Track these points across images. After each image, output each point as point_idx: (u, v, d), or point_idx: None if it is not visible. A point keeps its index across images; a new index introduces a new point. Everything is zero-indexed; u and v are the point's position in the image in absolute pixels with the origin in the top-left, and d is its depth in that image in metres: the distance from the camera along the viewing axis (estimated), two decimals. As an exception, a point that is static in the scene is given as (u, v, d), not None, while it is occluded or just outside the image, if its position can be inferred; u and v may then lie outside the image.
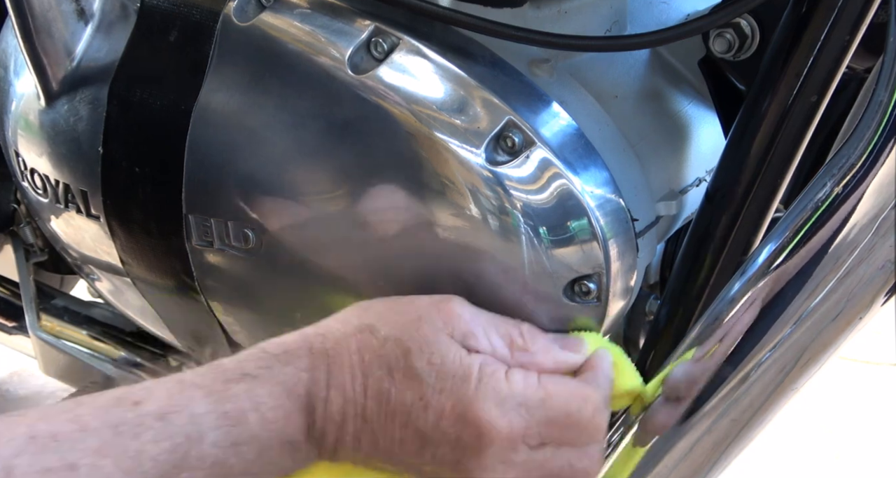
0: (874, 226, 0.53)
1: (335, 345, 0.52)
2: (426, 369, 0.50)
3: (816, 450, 1.49)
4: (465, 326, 0.53)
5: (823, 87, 0.58)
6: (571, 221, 0.58)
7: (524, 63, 0.63)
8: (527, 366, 0.53)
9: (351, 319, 0.54)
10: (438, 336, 0.51)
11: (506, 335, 0.55)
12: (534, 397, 0.51)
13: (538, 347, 0.55)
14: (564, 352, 0.56)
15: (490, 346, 0.53)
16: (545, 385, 0.52)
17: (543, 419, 0.51)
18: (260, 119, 0.63)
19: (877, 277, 0.54)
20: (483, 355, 0.52)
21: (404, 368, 0.50)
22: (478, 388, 0.50)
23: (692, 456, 0.62)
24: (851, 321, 0.56)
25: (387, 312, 0.54)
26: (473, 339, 0.53)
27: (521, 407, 0.51)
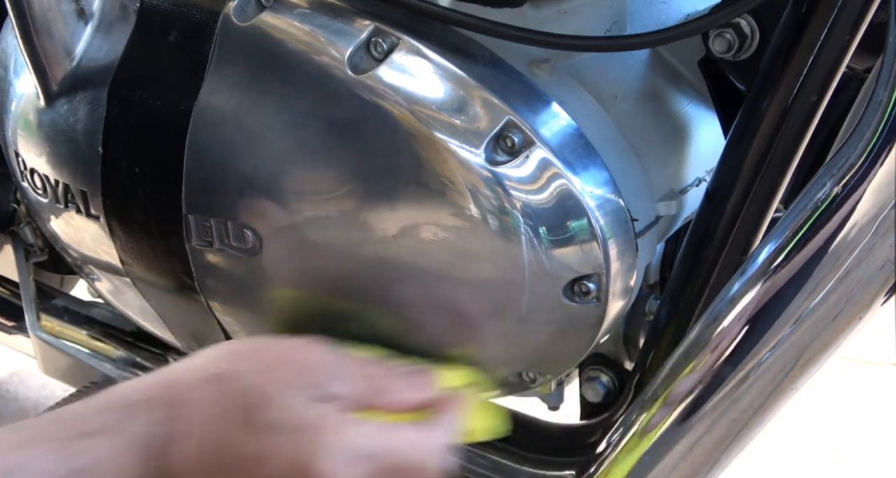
0: (874, 226, 0.53)
1: (190, 394, 0.52)
2: (270, 423, 0.51)
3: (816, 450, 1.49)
4: (315, 375, 0.54)
5: (823, 87, 0.58)
6: (571, 221, 0.58)
7: (524, 63, 0.63)
8: (382, 406, 0.55)
9: (206, 366, 0.55)
10: (286, 389, 0.52)
11: (358, 379, 0.56)
12: (376, 447, 0.53)
13: (389, 388, 0.57)
14: (412, 392, 0.58)
15: (342, 390, 0.54)
16: (385, 436, 0.54)
17: (384, 469, 0.53)
18: (260, 119, 0.63)
19: (877, 277, 0.54)
20: (329, 405, 0.53)
21: (251, 420, 0.51)
22: (320, 441, 0.51)
23: (692, 456, 0.62)
24: (851, 321, 0.56)
25: (241, 360, 0.55)
26: (328, 386, 0.54)
27: (362, 458, 0.52)
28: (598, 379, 0.78)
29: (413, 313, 0.64)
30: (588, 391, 0.78)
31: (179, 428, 0.51)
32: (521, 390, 0.70)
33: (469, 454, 0.78)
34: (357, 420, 0.54)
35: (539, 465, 0.75)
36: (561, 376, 0.74)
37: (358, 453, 0.52)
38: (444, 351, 0.65)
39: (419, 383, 0.59)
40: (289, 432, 0.51)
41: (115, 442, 0.50)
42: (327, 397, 0.53)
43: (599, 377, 0.78)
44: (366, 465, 0.52)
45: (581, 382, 0.79)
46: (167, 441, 0.51)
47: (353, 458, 0.51)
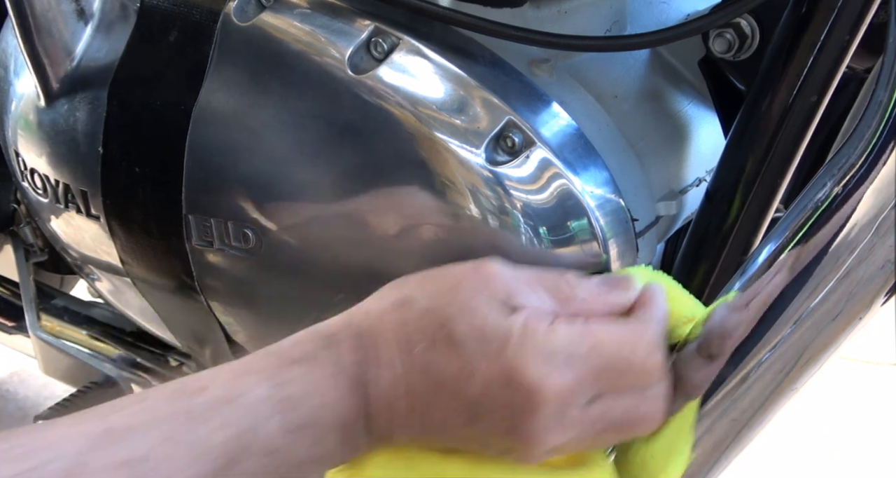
0: (874, 226, 0.53)
1: (376, 322, 0.50)
2: (467, 335, 0.48)
3: (816, 450, 1.49)
4: (505, 285, 0.50)
5: (823, 87, 0.58)
6: (571, 221, 0.58)
7: (524, 63, 0.63)
8: (576, 314, 0.51)
9: (388, 295, 0.52)
10: (477, 300, 0.49)
11: (551, 287, 0.52)
12: (582, 347, 0.48)
13: (586, 293, 0.52)
14: (613, 293, 0.53)
15: (535, 300, 0.51)
16: (593, 333, 0.49)
17: (595, 369, 0.48)
18: (260, 119, 0.63)
19: (877, 277, 0.54)
20: (526, 311, 0.49)
21: (445, 337, 0.48)
22: (521, 347, 0.47)
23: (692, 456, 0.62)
24: (851, 321, 0.56)
25: (423, 283, 0.52)
26: (516, 296, 0.50)
27: (569, 360, 0.48)
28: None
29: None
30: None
31: (369, 358, 0.49)
32: (521, 390, 0.70)
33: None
34: (562, 321, 0.49)
35: (539, 465, 0.75)
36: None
37: (565, 354, 0.48)
38: None
39: (622, 283, 0.54)
40: (485, 343, 0.48)
41: (318, 371, 0.49)
42: (517, 307, 0.50)
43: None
44: (576, 366, 0.48)
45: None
46: (360, 372, 0.49)
47: (561, 360, 0.48)
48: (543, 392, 0.47)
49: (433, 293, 0.50)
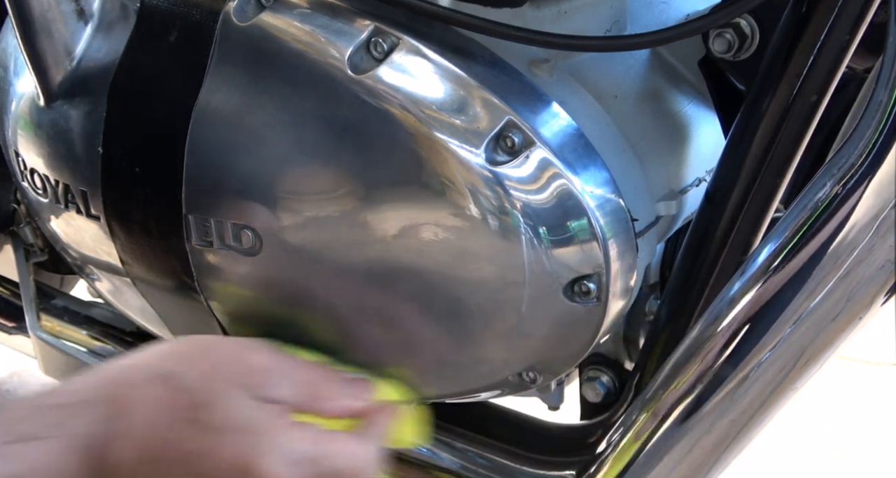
0: (874, 226, 0.53)
1: (131, 394, 0.53)
2: (213, 422, 0.52)
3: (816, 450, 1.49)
4: (260, 378, 0.56)
5: (823, 87, 0.58)
6: (571, 221, 0.58)
7: (524, 63, 0.63)
8: (320, 413, 0.57)
9: (150, 364, 0.56)
10: (230, 390, 0.54)
11: (300, 383, 0.58)
12: (315, 452, 0.55)
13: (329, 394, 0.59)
14: (350, 400, 0.60)
15: (285, 393, 0.56)
16: (326, 442, 0.56)
17: (320, 474, 0.54)
18: (260, 119, 0.63)
19: (877, 277, 0.54)
20: (271, 407, 0.55)
21: (193, 419, 0.52)
22: (263, 442, 0.53)
23: (692, 456, 0.62)
24: (851, 321, 0.56)
25: (186, 360, 0.56)
26: (271, 389, 0.56)
27: (301, 461, 0.54)
28: (598, 379, 0.78)
29: (412, 313, 0.64)
30: (588, 391, 0.78)
31: (121, 427, 0.52)
32: (521, 390, 0.70)
33: (469, 454, 0.78)
34: (299, 424, 0.55)
35: (539, 465, 0.75)
36: (561, 376, 0.74)
37: (299, 455, 0.54)
38: (381, 367, 0.67)
39: (357, 392, 0.61)
40: (232, 432, 0.52)
41: (54, 445, 0.50)
42: (270, 398, 0.55)
43: (599, 377, 0.78)
44: (307, 468, 0.54)
45: (581, 382, 0.79)
46: (108, 440, 0.51)
47: (295, 460, 0.53)
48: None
49: (192, 375, 0.54)
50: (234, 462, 0.52)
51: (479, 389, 0.69)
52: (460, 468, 0.77)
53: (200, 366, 0.55)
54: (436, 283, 0.61)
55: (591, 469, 0.70)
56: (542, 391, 0.80)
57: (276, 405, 0.55)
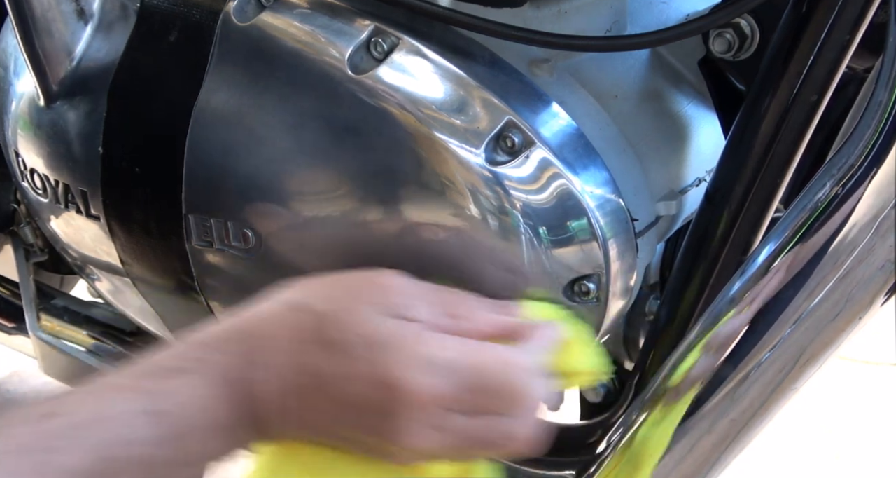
0: (874, 226, 0.53)
1: (266, 325, 0.52)
2: (353, 341, 0.50)
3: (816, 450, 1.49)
4: (397, 298, 0.52)
5: (823, 87, 0.58)
6: (571, 221, 0.58)
7: (524, 63, 0.63)
8: (462, 332, 0.52)
9: (282, 298, 0.53)
10: (367, 309, 0.51)
11: (442, 303, 0.54)
12: (461, 362, 0.50)
13: (475, 313, 0.54)
14: (500, 316, 0.55)
15: (426, 314, 0.52)
16: (474, 351, 0.51)
17: (471, 386, 0.50)
18: (260, 119, 0.63)
19: (877, 277, 0.54)
20: (414, 324, 0.51)
21: (332, 341, 0.50)
22: (401, 353, 0.49)
23: (692, 456, 0.62)
24: (851, 321, 0.56)
25: (318, 288, 0.54)
26: (406, 309, 0.52)
27: (446, 371, 0.49)
28: (598, 379, 0.78)
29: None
30: (588, 391, 0.78)
31: (258, 359, 0.50)
32: (521, 390, 0.70)
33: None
34: (446, 336, 0.51)
35: (539, 465, 0.75)
36: (561, 376, 0.74)
37: (442, 364, 0.49)
38: None
39: (504, 311, 0.56)
40: (367, 348, 0.49)
41: (197, 381, 0.49)
42: (406, 317, 0.51)
43: (599, 377, 0.78)
44: (452, 378, 0.49)
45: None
46: (247, 373, 0.50)
47: (437, 369, 0.49)
48: (412, 395, 0.49)
49: (326, 299, 0.52)
50: (375, 379, 0.49)
51: (479, 389, 0.69)
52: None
53: (332, 291, 0.53)
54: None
55: (591, 469, 0.70)
56: (542, 391, 0.80)
57: (414, 322, 0.51)
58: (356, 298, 0.52)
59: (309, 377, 0.50)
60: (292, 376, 0.50)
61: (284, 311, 0.52)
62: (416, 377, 0.49)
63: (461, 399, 0.50)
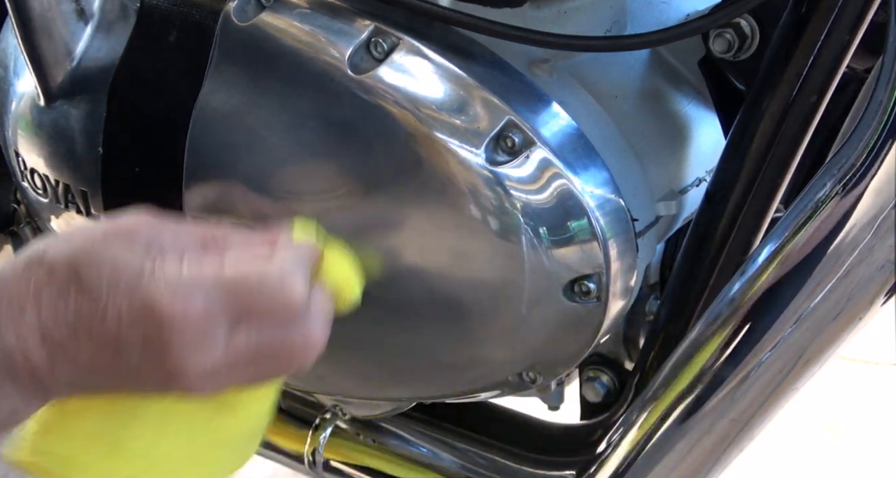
0: (874, 226, 0.53)
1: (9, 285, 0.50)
2: (99, 278, 0.48)
3: (816, 450, 1.49)
4: (146, 234, 0.51)
5: (823, 87, 0.58)
6: (571, 221, 0.58)
7: (524, 63, 0.63)
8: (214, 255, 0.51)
9: (21, 256, 0.51)
10: (113, 247, 0.50)
11: (197, 237, 0.53)
12: (214, 276, 0.49)
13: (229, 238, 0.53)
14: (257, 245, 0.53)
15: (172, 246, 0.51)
16: (222, 263, 0.50)
17: (231, 298, 0.49)
18: (260, 119, 0.63)
19: (877, 277, 0.54)
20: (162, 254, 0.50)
21: (76, 282, 0.48)
22: (152, 280, 0.48)
23: (692, 456, 0.62)
24: (851, 321, 0.56)
25: (59, 237, 0.52)
26: (155, 244, 0.51)
27: (201, 289, 0.48)
28: (598, 379, 0.78)
29: (412, 313, 0.64)
30: (588, 391, 0.78)
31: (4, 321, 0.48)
32: (521, 391, 0.70)
33: (469, 454, 0.78)
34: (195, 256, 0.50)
35: (539, 465, 0.75)
36: (561, 377, 0.74)
37: (193, 283, 0.48)
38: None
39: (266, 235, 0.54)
40: (117, 283, 0.48)
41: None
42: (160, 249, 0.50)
43: (599, 377, 0.78)
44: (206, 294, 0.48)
45: (581, 382, 0.79)
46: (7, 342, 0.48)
47: (193, 288, 0.48)
48: (174, 318, 0.48)
49: (66, 247, 0.50)
50: (132, 309, 0.48)
51: (479, 389, 0.69)
52: (460, 468, 0.77)
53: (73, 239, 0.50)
54: (435, 283, 0.61)
55: (591, 469, 0.70)
56: (542, 391, 0.80)
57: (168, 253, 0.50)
58: (96, 241, 0.50)
59: (56, 324, 0.48)
60: (36, 326, 0.49)
61: (18, 265, 0.50)
62: (172, 301, 0.48)
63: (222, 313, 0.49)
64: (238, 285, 0.49)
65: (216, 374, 0.49)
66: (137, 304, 0.48)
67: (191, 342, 0.48)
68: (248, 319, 0.49)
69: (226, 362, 0.49)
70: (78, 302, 0.48)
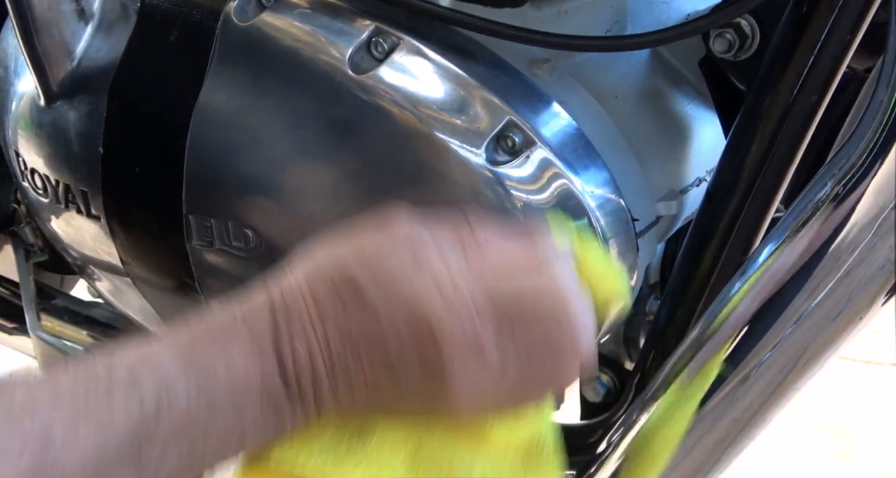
0: (874, 226, 0.53)
1: (290, 293, 0.50)
2: (376, 294, 0.49)
3: (816, 450, 1.50)
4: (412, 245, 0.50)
5: (823, 87, 0.58)
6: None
7: (524, 63, 0.63)
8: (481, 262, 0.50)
9: (304, 263, 0.52)
10: (385, 259, 0.50)
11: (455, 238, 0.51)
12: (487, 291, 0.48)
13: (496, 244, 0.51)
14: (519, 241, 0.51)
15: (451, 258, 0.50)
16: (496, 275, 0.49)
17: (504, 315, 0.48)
18: (260, 119, 0.63)
19: (877, 277, 0.54)
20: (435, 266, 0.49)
21: (356, 298, 0.49)
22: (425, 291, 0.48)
23: (692, 456, 0.62)
24: (851, 321, 0.56)
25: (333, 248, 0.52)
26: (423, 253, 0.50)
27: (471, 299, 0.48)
28: (598, 379, 0.78)
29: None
30: (588, 391, 0.78)
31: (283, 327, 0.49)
32: (521, 390, 0.70)
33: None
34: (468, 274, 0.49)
35: (539, 465, 0.75)
36: (561, 376, 0.74)
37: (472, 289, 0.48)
38: None
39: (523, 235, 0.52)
40: (394, 298, 0.48)
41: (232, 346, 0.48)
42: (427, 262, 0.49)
43: (599, 377, 0.78)
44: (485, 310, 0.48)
45: (581, 382, 0.79)
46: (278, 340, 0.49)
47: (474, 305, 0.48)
48: (450, 330, 0.48)
49: (339, 256, 0.51)
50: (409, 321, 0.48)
51: (479, 389, 0.69)
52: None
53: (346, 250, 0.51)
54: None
55: (591, 469, 0.70)
56: (542, 391, 0.80)
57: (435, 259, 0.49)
58: (369, 251, 0.50)
59: (339, 339, 0.49)
60: (321, 342, 0.49)
61: (303, 277, 0.51)
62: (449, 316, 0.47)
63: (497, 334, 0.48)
64: (511, 297, 0.48)
65: (484, 394, 0.49)
66: (414, 317, 0.48)
67: (465, 360, 0.48)
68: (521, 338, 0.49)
69: (494, 382, 0.49)
70: (359, 316, 0.49)
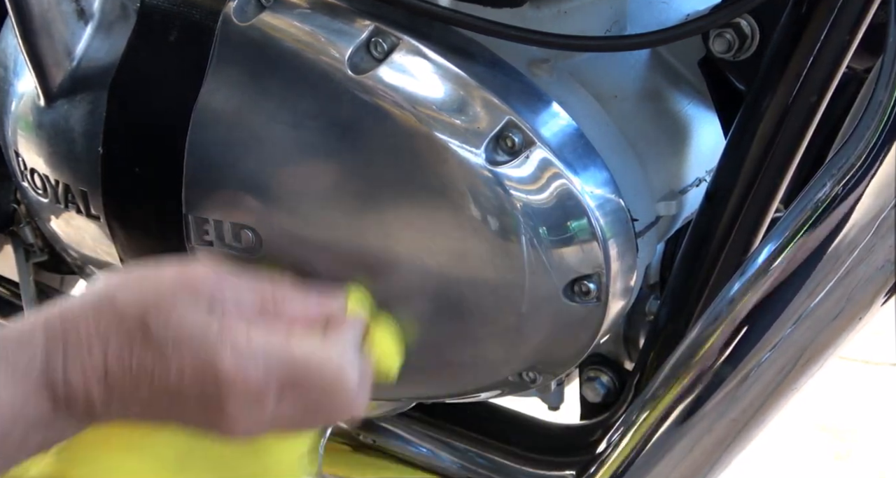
0: (874, 226, 0.53)
1: (71, 320, 0.52)
2: (164, 332, 0.51)
3: (816, 450, 1.50)
4: (208, 288, 0.53)
5: (823, 87, 0.58)
6: (571, 222, 0.59)
7: (524, 63, 0.63)
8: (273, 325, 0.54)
9: (92, 292, 0.54)
10: (178, 299, 0.52)
11: (256, 290, 0.55)
12: (277, 348, 0.52)
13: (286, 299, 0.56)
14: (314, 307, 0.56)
15: (236, 305, 0.53)
16: (291, 339, 0.53)
17: (289, 375, 0.52)
18: (260, 119, 0.63)
19: (877, 277, 0.54)
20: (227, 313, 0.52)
21: (143, 333, 0.51)
22: (217, 342, 0.51)
23: (692, 456, 0.62)
24: (851, 321, 0.56)
25: (129, 282, 0.54)
26: (219, 303, 0.53)
27: (262, 360, 0.51)
28: (598, 379, 0.78)
29: (412, 313, 0.64)
30: (588, 391, 0.78)
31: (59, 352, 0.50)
32: (521, 390, 0.70)
33: (469, 454, 0.78)
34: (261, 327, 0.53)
35: (539, 465, 0.75)
36: (561, 377, 0.74)
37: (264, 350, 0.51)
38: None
39: (322, 299, 0.57)
40: (183, 340, 0.50)
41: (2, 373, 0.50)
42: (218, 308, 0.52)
43: (599, 377, 0.78)
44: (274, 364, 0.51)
45: (581, 382, 0.79)
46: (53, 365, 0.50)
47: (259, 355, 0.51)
48: (236, 384, 0.50)
49: (136, 292, 0.52)
50: (196, 368, 0.50)
51: (479, 389, 0.70)
52: (460, 468, 0.77)
53: (141, 285, 0.53)
54: (436, 283, 0.61)
55: (591, 469, 0.70)
56: (542, 391, 0.80)
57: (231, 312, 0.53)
58: (162, 291, 0.52)
59: (119, 370, 0.51)
60: (99, 369, 0.51)
61: (89, 305, 0.52)
62: (236, 366, 0.50)
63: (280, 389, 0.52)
64: (298, 366, 0.52)
65: (259, 428, 0.53)
66: (200, 362, 0.50)
67: (244, 405, 0.51)
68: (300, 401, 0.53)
69: (271, 421, 0.53)
70: (144, 354, 0.51)
